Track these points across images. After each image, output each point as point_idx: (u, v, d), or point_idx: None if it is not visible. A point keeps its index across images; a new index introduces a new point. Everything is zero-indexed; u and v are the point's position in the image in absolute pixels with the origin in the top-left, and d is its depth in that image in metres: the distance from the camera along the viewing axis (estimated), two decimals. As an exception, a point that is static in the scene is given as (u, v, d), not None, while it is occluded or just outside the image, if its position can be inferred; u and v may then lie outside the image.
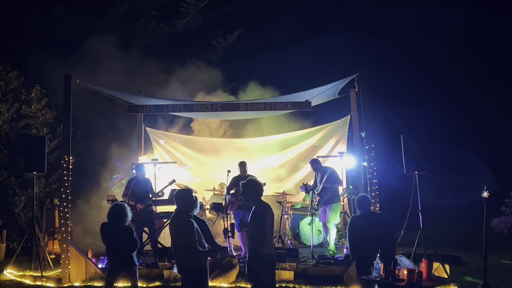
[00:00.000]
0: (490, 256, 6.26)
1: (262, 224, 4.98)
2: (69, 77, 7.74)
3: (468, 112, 14.53)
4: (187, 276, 5.04)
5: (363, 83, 7.96)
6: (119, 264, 5.67)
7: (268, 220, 5.05)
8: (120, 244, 5.60)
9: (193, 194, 5.15)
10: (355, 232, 5.85)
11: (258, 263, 4.99)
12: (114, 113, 11.64)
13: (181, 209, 5.03)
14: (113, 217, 5.64)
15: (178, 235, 4.94)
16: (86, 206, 11.06)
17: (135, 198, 8.31)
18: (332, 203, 8.34)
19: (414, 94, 15.13)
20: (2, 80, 10.38)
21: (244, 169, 8.61)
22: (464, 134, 14.42)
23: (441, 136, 13.53)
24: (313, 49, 14.60)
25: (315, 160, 8.92)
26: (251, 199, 5.16)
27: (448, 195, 11.87)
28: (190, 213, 5.00)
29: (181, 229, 4.91)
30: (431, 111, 14.16)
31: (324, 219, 8.45)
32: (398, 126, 11.32)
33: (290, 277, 7.20)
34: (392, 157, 9.39)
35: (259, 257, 4.98)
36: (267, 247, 5.02)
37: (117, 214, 5.63)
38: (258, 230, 4.99)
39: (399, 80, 14.87)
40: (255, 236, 5.00)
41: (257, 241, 4.98)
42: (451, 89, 14.87)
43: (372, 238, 5.65)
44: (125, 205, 5.76)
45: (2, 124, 10.16)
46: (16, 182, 10.11)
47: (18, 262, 8.30)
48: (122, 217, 5.62)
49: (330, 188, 8.38)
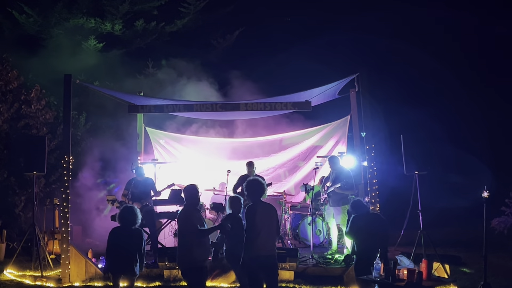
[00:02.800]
0: (490, 256, 6.26)
1: (251, 224, 4.98)
2: (69, 77, 7.74)
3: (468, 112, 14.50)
4: (183, 273, 5.08)
5: (363, 83, 7.96)
6: (120, 270, 5.58)
7: (258, 219, 5.03)
8: (127, 247, 5.52)
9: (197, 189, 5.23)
10: (358, 232, 5.87)
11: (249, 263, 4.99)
12: (114, 113, 11.63)
13: (189, 203, 5.10)
14: (123, 219, 5.61)
15: (184, 227, 4.97)
16: (86, 206, 11.05)
17: (133, 198, 8.32)
18: (342, 205, 8.27)
19: (414, 94, 15.12)
20: (2, 80, 10.37)
21: (251, 169, 8.66)
22: (464, 134, 14.41)
23: (441, 136, 13.50)
24: (313, 49, 14.58)
25: (334, 158, 8.70)
26: (249, 199, 5.18)
27: (448, 195, 11.87)
28: (198, 208, 5.08)
29: (188, 221, 4.94)
30: (431, 111, 14.15)
31: (338, 221, 8.40)
32: (398, 126, 11.30)
33: (290, 277, 7.21)
34: (392, 157, 9.38)
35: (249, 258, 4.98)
36: (261, 248, 4.99)
37: (128, 215, 5.60)
38: (247, 231, 5.04)
39: (399, 80, 14.86)
40: (245, 236, 5.04)
41: (246, 241, 5.01)
42: (451, 89, 14.85)
43: (373, 238, 5.67)
44: (135, 207, 5.75)
45: (2, 124, 10.16)
46: (16, 182, 10.10)
47: (18, 262, 8.29)
48: (132, 218, 5.58)
49: (336, 191, 8.32)
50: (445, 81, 15.01)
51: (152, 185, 8.70)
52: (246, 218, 5.10)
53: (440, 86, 15.24)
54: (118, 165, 10.90)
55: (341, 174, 8.27)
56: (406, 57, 14.51)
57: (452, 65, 14.89)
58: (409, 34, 15.42)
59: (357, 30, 14.88)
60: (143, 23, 13.72)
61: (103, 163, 11.38)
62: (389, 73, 14.55)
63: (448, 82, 14.86)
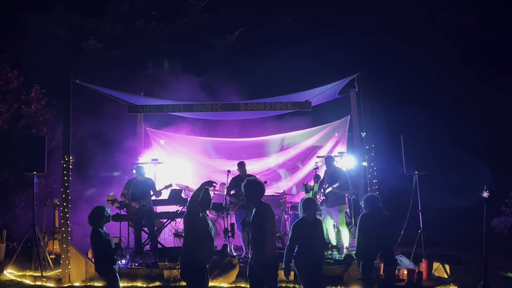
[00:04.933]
0: (490, 256, 6.26)
1: (263, 228, 4.93)
2: (69, 77, 7.75)
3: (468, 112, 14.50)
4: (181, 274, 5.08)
5: (363, 83, 7.96)
6: (98, 271, 5.65)
7: (269, 222, 5.00)
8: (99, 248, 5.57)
9: (210, 193, 5.19)
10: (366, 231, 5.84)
11: (260, 267, 4.97)
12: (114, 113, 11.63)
13: (195, 205, 5.09)
14: (91, 220, 5.60)
15: (191, 229, 4.97)
16: (86, 206, 11.04)
17: (132, 198, 8.32)
18: (340, 205, 8.28)
19: (414, 94, 15.11)
20: (2, 80, 10.38)
21: (243, 169, 8.58)
22: (464, 134, 14.40)
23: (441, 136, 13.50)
24: (313, 49, 14.59)
25: (329, 157, 8.68)
26: (252, 201, 5.11)
27: (448, 195, 11.85)
28: (205, 210, 5.06)
29: (194, 222, 4.93)
30: (431, 111, 14.15)
31: (337, 220, 8.40)
32: (398, 126, 11.29)
33: (290, 277, 7.19)
34: (392, 157, 9.38)
35: (260, 261, 4.96)
36: (269, 250, 4.98)
37: (95, 216, 5.61)
38: (259, 235, 4.96)
39: (399, 80, 14.85)
40: (256, 241, 4.99)
41: (259, 245, 4.96)
42: (451, 89, 14.84)
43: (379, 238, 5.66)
44: (104, 207, 5.71)
45: (2, 124, 10.17)
46: (16, 182, 10.10)
47: (18, 262, 8.29)
48: (98, 219, 5.58)
49: (335, 192, 8.31)
50: (445, 81, 15.01)
51: (152, 185, 8.71)
52: (256, 221, 4.97)
53: (440, 86, 15.24)
54: (118, 165, 10.90)
55: (339, 174, 8.28)
56: (406, 57, 14.50)
57: (452, 65, 14.88)
58: (409, 34, 15.42)
59: (357, 30, 14.88)
60: (143, 23, 13.72)
61: (103, 163, 11.37)
62: (389, 73, 14.53)
63: (448, 82, 14.87)
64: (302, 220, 5.52)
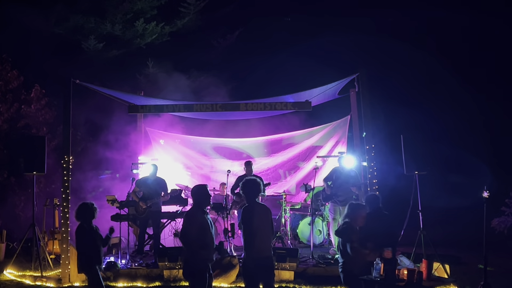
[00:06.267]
0: (490, 256, 6.26)
1: (249, 226, 4.97)
2: (69, 77, 7.75)
3: (468, 112, 14.50)
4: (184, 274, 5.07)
5: (363, 83, 7.96)
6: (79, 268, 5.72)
7: (257, 220, 5.01)
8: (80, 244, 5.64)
9: (208, 190, 5.20)
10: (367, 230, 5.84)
11: (251, 265, 4.98)
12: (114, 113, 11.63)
13: (195, 204, 5.09)
14: (76, 216, 5.68)
15: (188, 229, 4.96)
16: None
17: (142, 197, 8.35)
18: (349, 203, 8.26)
19: (414, 94, 15.11)
20: (2, 80, 10.38)
21: (250, 169, 8.62)
22: (464, 134, 14.40)
23: (441, 136, 13.50)
24: (313, 49, 14.59)
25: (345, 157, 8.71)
26: (246, 199, 5.16)
27: (448, 195, 11.86)
28: (205, 209, 5.05)
29: (194, 223, 4.93)
30: (431, 111, 14.15)
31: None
32: (398, 126, 11.30)
33: (290, 277, 7.20)
34: (392, 157, 9.38)
35: (250, 259, 4.98)
36: (260, 249, 4.97)
37: (79, 212, 5.68)
38: (245, 232, 5.02)
39: (399, 80, 14.85)
40: (244, 238, 5.06)
41: (246, 243, 5.01)
42: (451, 89, 14.84)
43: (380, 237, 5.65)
44: (88, 203, 5.77)
45: (2, 124, 10.17)
46: (16, 182, 10.10)
47: (18, 262, 8.29)
48: (83, 215, 5.68)
49: (350, 191, 8.33)
50: (445, 81, 15.00)
51: (164, 186, 8.68)
52: (243, 219, 5.06)
53: (439, 86, 15.23)
54: (118, 165, 10.90)
55: (355, 173, 8.30)
56: (405, 57, 14.50)
57: (452, 65, 14.89)
58: (409, 34, 15.43)
59: (357, 30, 14.88)
60: (143, 23, 13.71)
61: (103, 163, 11.37)
62: (389, 73, 14.53)
63: (448, 82, 14.86)
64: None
